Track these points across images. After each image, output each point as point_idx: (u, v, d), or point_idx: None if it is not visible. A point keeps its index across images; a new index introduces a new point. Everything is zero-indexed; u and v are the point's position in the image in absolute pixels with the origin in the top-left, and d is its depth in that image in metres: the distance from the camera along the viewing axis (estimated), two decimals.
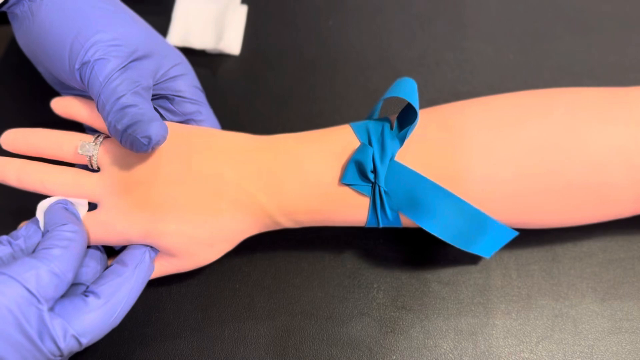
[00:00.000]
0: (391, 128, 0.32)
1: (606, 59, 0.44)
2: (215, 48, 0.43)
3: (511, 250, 0.37)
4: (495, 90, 0.43)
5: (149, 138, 0.29)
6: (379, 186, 0.31)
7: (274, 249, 0.37)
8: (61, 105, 0.35)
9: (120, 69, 0.30)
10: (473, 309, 0.36)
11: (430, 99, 0.42)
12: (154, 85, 0.33)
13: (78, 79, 0.31)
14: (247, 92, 0.43)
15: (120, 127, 0.29)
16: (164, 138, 0.30)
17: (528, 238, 0.37)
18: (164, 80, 0.33)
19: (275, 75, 0.43)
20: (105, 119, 0.30)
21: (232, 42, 0.44)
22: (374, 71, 0.44)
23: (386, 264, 0.37)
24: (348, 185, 0.32)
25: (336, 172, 0.32)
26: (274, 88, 0.43)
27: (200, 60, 0.43)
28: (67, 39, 0.30)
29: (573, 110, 0.32)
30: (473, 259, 0.37)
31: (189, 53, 0.42)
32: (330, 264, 0.37)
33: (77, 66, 0.31)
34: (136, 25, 0.33)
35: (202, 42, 0.43)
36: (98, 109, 0.31)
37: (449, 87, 0.43)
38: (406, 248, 0.37)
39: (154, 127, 0.29)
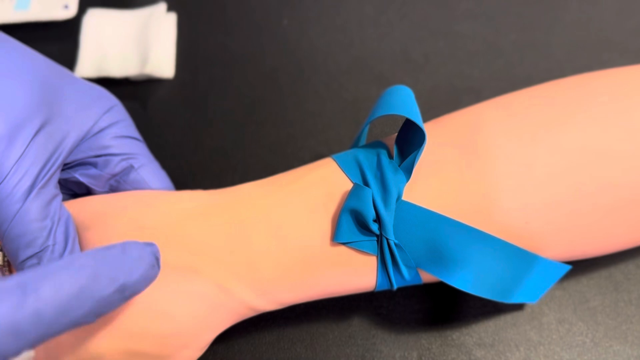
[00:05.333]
0: (390, 156, 0.26)
1: (626, 24, 0.38)
2: (141, 73, 0.37)
3: (562, 287, 0.30)
4: (501, 80, 0.37)
5: None
6: (386, 239, 0.24)
7: (257, 335, 0.29)
8: None
9: (10, 163, 0.24)
10: None
11: (424, 102, 0.35)
12: (71, 152, 0.26)
13: None
14: (189, 125, 0.36)
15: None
16: None
17: (578, 266, 0.30)
18: (82, 141, 0.27)
19: (224, 98, 0.36)
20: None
21: (161, 63, 0.38)
22: (348, 76, 0.37)
23: (409, 330, 0.29)
24: (344, 244, 0.25)
25: (325, 229, 0.25)
26: (225, 115, 0.36)
27: (124, 91, 0.36)
28: None
29: (620, 99, 0.26)
30: (516, 304, 0.30)
31: (108, 84, 0.34)
32: (335, 342, 0.29)
33: None
34: (32, 81, 0.25)
35: (122, 68, 0.37)
36: None
37: (445, 84, 0.36)
38: (431, 304, 0.30)
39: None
